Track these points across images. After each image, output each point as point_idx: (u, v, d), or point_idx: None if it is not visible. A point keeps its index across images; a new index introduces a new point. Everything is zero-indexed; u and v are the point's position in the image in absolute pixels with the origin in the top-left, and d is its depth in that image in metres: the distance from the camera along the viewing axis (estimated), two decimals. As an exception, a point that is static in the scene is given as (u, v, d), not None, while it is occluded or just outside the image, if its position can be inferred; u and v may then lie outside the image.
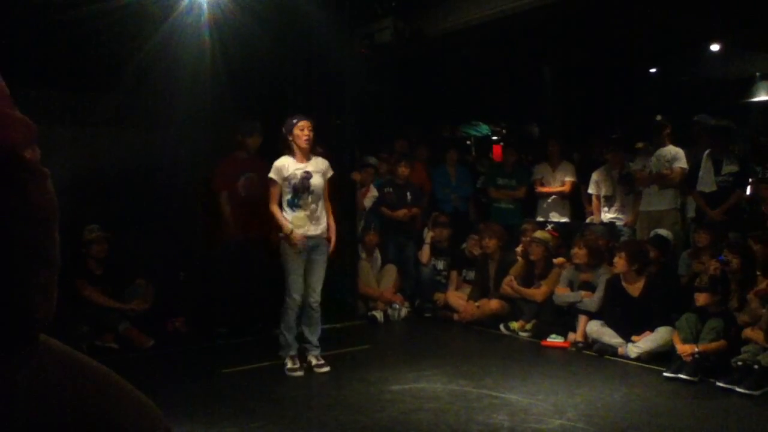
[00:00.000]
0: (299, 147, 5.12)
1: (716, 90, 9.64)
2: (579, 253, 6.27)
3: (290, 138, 5.14)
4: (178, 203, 6.52)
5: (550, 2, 6.18)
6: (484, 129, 11.18)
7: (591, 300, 5.99)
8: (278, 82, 6.91)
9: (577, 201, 7.97)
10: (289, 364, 5.16)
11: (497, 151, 10.39)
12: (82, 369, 0.95)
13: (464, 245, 7.64)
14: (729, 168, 6.52)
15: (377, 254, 7.60)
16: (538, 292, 6.50)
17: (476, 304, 6.92)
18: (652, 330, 5.49)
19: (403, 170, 7.80)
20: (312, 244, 5.17)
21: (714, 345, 4.96)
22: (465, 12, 6.85)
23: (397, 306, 7.28)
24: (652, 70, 10.46)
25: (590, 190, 7.49)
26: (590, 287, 6.11)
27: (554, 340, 6.11)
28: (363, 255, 7.51)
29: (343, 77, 7.17)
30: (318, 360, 5.25)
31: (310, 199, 5.13)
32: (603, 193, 7.38)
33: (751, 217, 6.56)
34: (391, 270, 7.51)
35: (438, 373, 5.13)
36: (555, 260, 6.70)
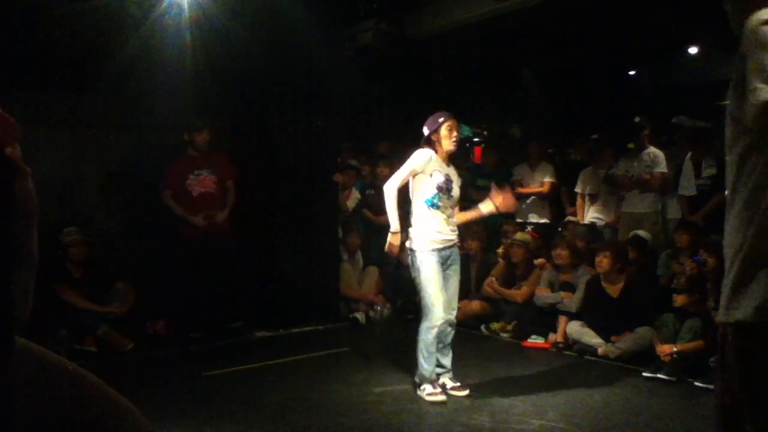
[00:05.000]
0: (444, 150, 4.62)
1: (695, 92, 9.74)
2: (562, 253, 6.32)
3: (434, 137, 4.63)
4: (159, 205, 6.47)
5: (531, 5, 6.22)
6: (465, 130, 11.21)
7: (571, 300, 6.04)
8: (261, 83, 6.89)
9: (557, 202, 8.02)
10: (428, 389, 4.58)
11: (477, 152, 10.43)
12: (61, 373, 0.94)
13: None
14: (708, 171, 6.59)
15: (359, 256, 7.60)
16: (519, 293, 6.53)
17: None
18: (631, 330, 5.54)
19: (382, 170, 7.79)
20: (446, 254, 4.67)
21: (692, 345, 5.02)
22: (447, 14, 6.87)
23: (379, 307, 7.28)
24: (632, 73, 10.56)
25: (577, 189, 7.57)
26: (571, 288, 6.16)
27: (535, 340, 6.14)
28: (345, 256, 7.50)
29: (326, 78, 7.17)
30: (454, 382, 4.72)
31: (449, 202, 4.65)
32: (588, 191, 7.46)
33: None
34: (373, 271, 7.51)
35: (420, 374, 5.14)
36: (536, 261, 6.74)
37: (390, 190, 4.62)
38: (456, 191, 4.69)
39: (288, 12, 6.51)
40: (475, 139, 11.25)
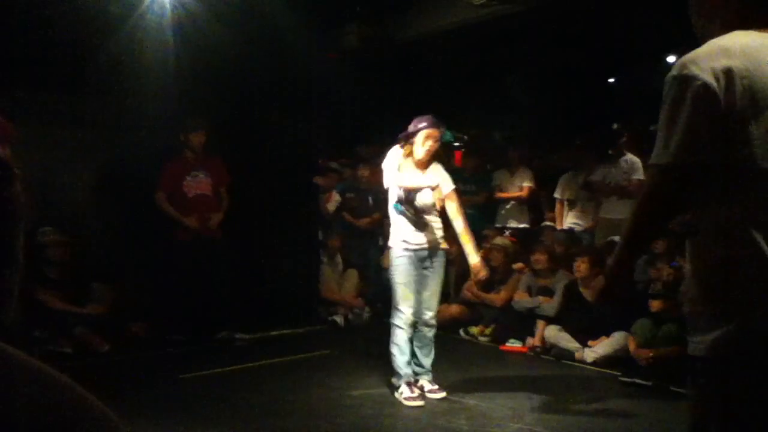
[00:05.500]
0: (416, 155, 4.53)
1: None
2: (540, 258, 6.36)
3: (412, 139, 4.54)
4: (144, 205, 6.42)
5: (513, 12, 6.27)
6: (446, 135, 11.22)
7: (549, 305, 6.08)
8: (244, 85, 6.85)
9: (536, 207, 8.07)
10: (406, 392, 4.55)
11: (457, 156, 10.46)
12: (35, 375, 0.93)
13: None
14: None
15: (339, 258, 7.59)
16: (497, 297, 6.56)
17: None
18: (608, 335, 5.59)
19: (363, 172, 7.80)
20: (423, 254, 4.59)
21: (668, 350, 5.07)
22: (430, 20, 6.92)
23: (359, 311, 7.28)
24: (611, 80, 10.68)
25: (556, 194, 7.62)
26: (549, 292, 6.20)
27: (513, 344, 6.18)
28: (325, 259, 7.50)
29: (308, 81, 7.16)
30: (432, 385, 4.69)
31: (412, 211, 4.56)
32: (567, 197, 7.52)
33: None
34: (353, 274, 7.51)
35: (398, 377, 5.14)
36: (514, 266, 6.78)
37: (403, 181, 4.51)
38: (422, 200, 4.54)
39: (271, 14, 6.50)
40: (456, 144, 11.28)
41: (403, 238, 4.58)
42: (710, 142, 1.69)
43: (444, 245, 4.74)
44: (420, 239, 4.59)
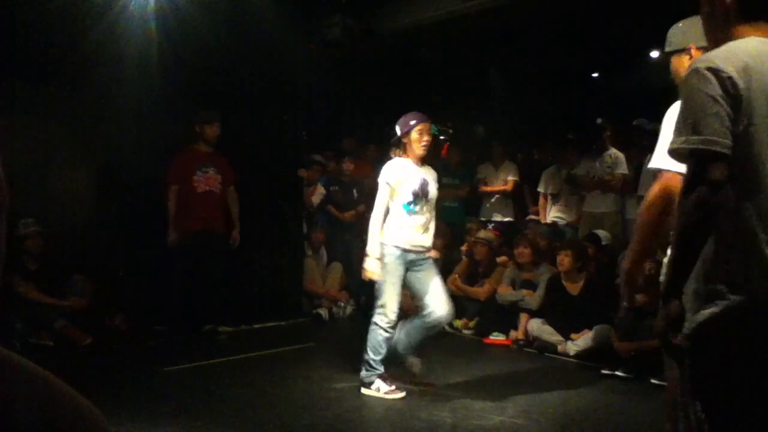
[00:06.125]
0: (414, 154, 4.56)
1: (658, 96, 9.88)
2: (524, 252, 6.39)
3: (404, 140, 4.57)
4: (121, 197, 6.37)
5: (497, 5, 6.27)
6: (433, 128, 11.22)
7: (532, 298, 6.11)
8: (227, 76, 6.81)
9: (520, 201, 8.11)
10: (383, 387, 4.53)
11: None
12: (12, 369, 0.92)
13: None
14: (668, 172, 6.71)
15: (323, 251, 7.59)
16: (481, 291, 6.59)
17: (421, 302, 6.98)
18: (590, 328, 5.63)
19: (348, 165, 7.80)
20: (412, 257, 4.56)
21: (649, 343, 5.11)
22: (414, 12, 6.90)
23: (343, 304, 7.28)
24: (594, 75, 10.72)
25: (539, 188, 7.67)
26: (532, 286, 6.23)
27: (496, 337, 6.21)
28: (309, 252, 7.49)
29: (292, 72, 7.13)
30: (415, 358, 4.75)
31: (428, 206, 4.59)
32: (550, 191, 7.56)
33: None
34: (337, 268, 7.51)
35: (382, 370, 5.15)
36: (498, 259, 6.81)
37: (376, 222, 4.54)
38: (433, 192, 4.62)
39: (255, 5, 6.46)
40: (441, 137, 11.28)
41: (397, 235, 4.52)
42: (731, 132, 1.73)
43: (432, 254, 4.71)
44: (413, 242, 4.54)
